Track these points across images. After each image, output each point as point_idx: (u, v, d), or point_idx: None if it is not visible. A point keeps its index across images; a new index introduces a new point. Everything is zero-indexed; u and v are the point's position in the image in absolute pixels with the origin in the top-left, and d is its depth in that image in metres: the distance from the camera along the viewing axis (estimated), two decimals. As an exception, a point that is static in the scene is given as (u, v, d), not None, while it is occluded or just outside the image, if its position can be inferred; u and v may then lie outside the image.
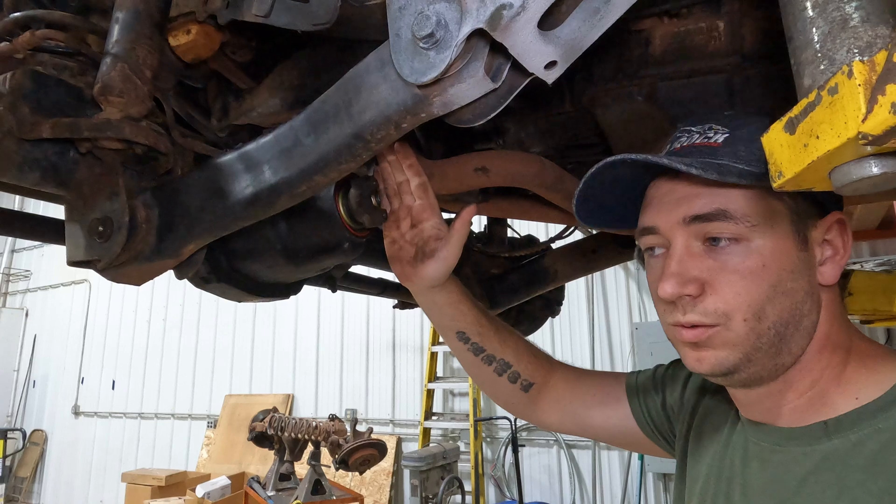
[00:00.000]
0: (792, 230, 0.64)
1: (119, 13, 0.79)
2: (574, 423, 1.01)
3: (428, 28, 0.59)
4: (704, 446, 0.80)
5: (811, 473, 0.63)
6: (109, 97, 0.75)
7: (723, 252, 0.64)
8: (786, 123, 0.41)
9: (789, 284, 0.63)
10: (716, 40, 0.90)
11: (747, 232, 0.63)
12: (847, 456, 0.61)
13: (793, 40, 0.43)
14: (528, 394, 1.02)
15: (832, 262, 0.66)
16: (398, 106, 0.65)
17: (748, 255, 0.63)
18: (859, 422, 0.61)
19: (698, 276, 0.65)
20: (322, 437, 3.65)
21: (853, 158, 0.37)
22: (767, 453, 0.68)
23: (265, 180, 0.75)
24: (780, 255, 0.63)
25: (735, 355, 0.65)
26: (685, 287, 0.64)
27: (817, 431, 0.64)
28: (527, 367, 1.01)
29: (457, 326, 0.99)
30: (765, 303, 0.63)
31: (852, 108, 0.34)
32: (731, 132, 0.67)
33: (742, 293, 0.63)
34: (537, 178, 1.09)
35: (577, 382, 1.01)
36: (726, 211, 0.63)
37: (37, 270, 9.66)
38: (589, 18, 0.58)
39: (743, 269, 0.63)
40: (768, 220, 0.64)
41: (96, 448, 8.37)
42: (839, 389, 0.65)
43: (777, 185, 0.42)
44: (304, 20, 0.76)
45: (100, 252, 0.80)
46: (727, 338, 0.64)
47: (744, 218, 0.63)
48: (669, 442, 0.92)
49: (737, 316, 0.63)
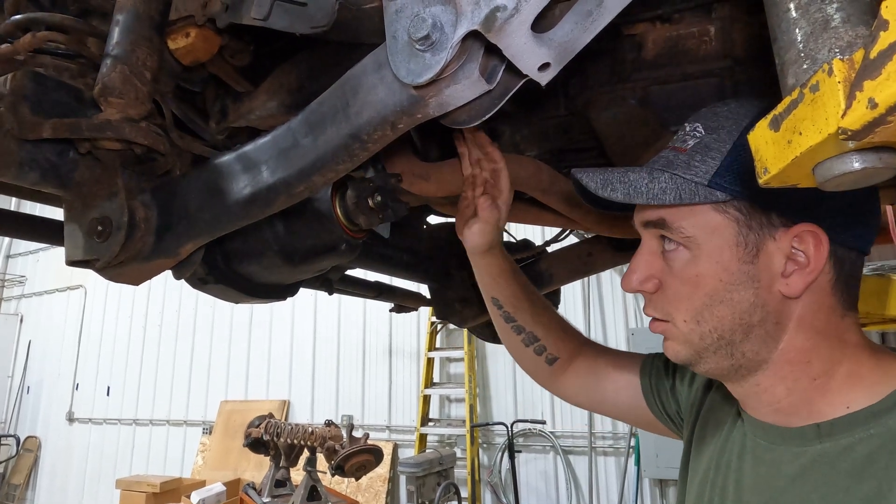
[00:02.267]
0: (735, 242, 0.65)
1: (119, 15, 0.80)
2: (587, 396, 1.07)
3: (424, 30, 0.60)
4: (707, 440, 0.82)
5: (800, 474, 0.64)
6: (109, 98, 0.76)
7: (670, 256, 0.70)
8: (770, 121, 0.42)
9: (727, 295, 0.66)
10: (707, 44, 0.91)
11: (686, 241, 0.68)
12: (836, 460, 0.61)
13: (777, 41, 0.44)
14: (552, 367, 1.07)
15: (799, 274, 0.64)
16: (394, 107, 0.66)
17: (686, 263, 0.68)
18: (851, 427, 0.62)
19: (653, 274, 0.71)
20: (318, 442, 3.64)
21: (835, 154, 0.38)
22: (762, 451, 0.70)
23: (263, 180, 0.76)
24: (717, 267, 0.66)
25: (686, 350, 0.70)
26: (641, 285, 0.72)
27: (810, 433, 0.65)
28: (554, 343, 1.06)
29: (493, 293, 1.05)
30: (701, 309, 0.67)
31: (832, 105, 0.35)
32: (704, 135, 0.69)
33: (682, 297, 0.69)
34: (533, 180, 1.10)
35: (597, 359, 1.06)
36: (665, 220, 0.69)
37: (32, 276, 9.62)
38: (582, 21, 0.59)
39: (682, 275, 0.68)
40: (706, 233, 0.66)
41: (90, 455, 8.32)
42: (826, 399, 0.65)
43: (763, 182, 0.43)
44: (302, 23, 0.77)
45: (98, 251, 0.80)
46: (676, 334, 0.71)
47: (678, 229, 0.68)
48: (677, 424, 0.94)
49: (678, 316, 0.69)
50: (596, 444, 5.25)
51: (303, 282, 1.24)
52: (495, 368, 5.88)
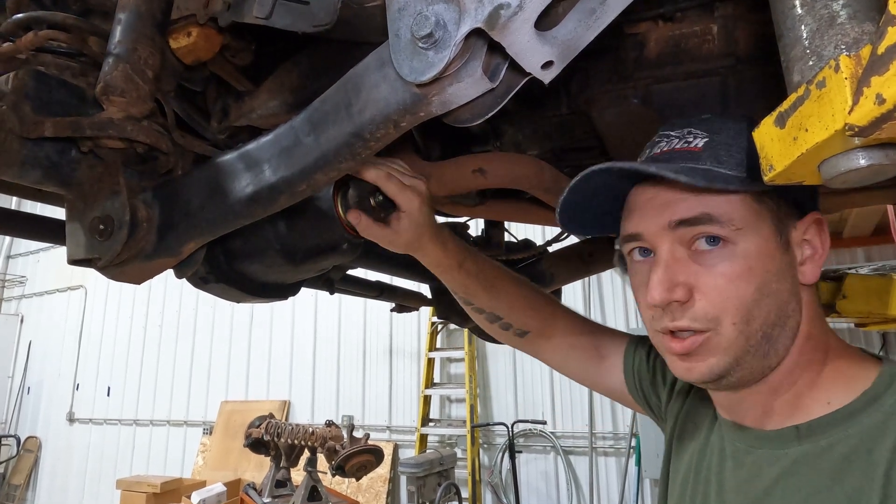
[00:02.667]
0: (774, 232, 0.65)
1: (121, 14, 0.80)
2: (570, 370, 1.05)
3: (427, 28, 0.60)
4: (686, 444, 0.82)
5: (782, 476, 0.64)
6: (111, 97, 0.76)
7: (708, 256, 0.65)
8: (776, 118, 0.42)
9: (774, 286, 0.64)
10: (710, 43, 0.91)
11: (732, 235, 0.64)
12: (816, 461, 0.62)
13: (782, 38, 0.44)
14: (525, 339, 1.05)
15: (812, 261, 0.66)
16: (397, 105, 0.66)
17: (734, 258, 0.64)
18: (829, 427, 0.63)
19: (685, 281, 0.65)
20: (319, 443, 3.64)
21: (841, 151, 0.38)
22: (742, 454, 0.70)
23: (265, 179, 0.76)
24: (765, 258, 0.64)
25: (725, 360, 0.65)
26: (673, 293, 0.65)
27: (789, 435, 0.65)
28: (520, 319, 1.03)
29: (444, 283, 1.01)
30: (752, 306, 0.63)
31: (839, 101, 0.35)
32: (710, 136, 0.68)
33: (730, 297, 0.63)
34: (535, 179, 1.10)
35: (578, 337, 1.03)
36: (711, 215, 0.64)
37: (32, 276, 9.62)
38: (585, 19, 0.59)
39: (729, 272, 0.64)
40: (752, 223, 0.64)
41: (91, 455, 8.32)
42: (812, 393, 0.66)
43: (768, 179, 0.43)
44: (304, 22, 0.77)
45: (100, 250, 0.80)
46: (718, 343, 0.65)
47: (728, 222, 0.64)
48: (658, 416, 0.94)
49: (726, 320, 0.64)
50: (596, 445, 5.24)
51: (304, 281, 1.24)
52: (496, 369, 5.87)
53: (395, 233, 0.88)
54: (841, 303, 1.81)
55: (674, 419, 0.87)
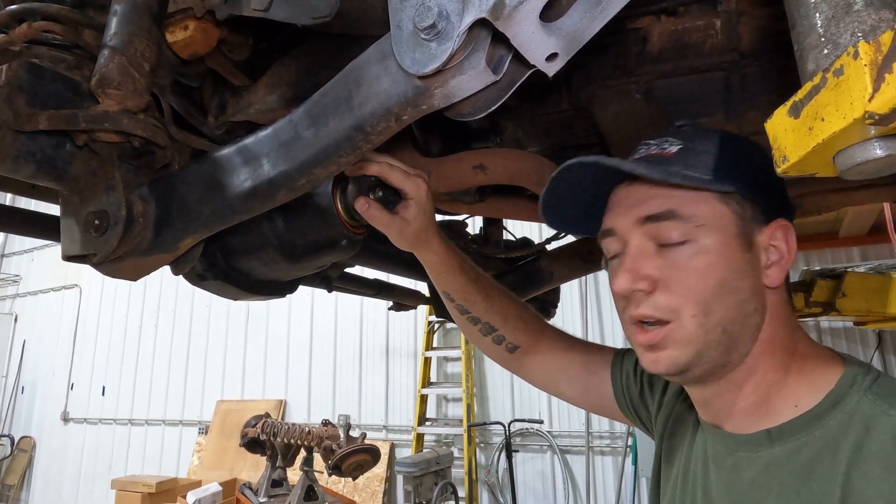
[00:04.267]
0: (737, 232, 0.68)
1: (117, 6, 0.78)
2: (556, 390, 1.06)
3: (430, 19, 0.59)
4: (674, 449, 0.84)
5: (756, 478, 0.67)
6: (107, 89, 0.75)
7: (672, 251, 0.69)
8: (790, 108, 0.41)
9: (734, 283, 0.67)
10: (713, 38, 0.90)
11: (695, 231, 0.67)
12: (786, 462, 0.65)
13: (796, 26, 0.43)
14: (513, 355, 1.06)
15: (777, 265, 0.69)
16: (399, 98, 0.65)
17: (696, 253, 0.67)
18: (797, 430, 0.65)
19: (650, 273, 0.69)
20: (315, 442, 3.62)
21: (858, 141, 0.37)
22: (722, 457, 0.72)
23: (264, 173, 0.75)
24: (726, 255, 0.67)
25: (687, 353, 0.68)
26: (637, 283, 0.69)
27: (762, 439, 0.68)
28: (512, 332, 1.04)
29: (442, 287, 1.02)
30: (711, 299, 0.66)
31: (858, 89, 0.34)
32: (684, 144, 0.72)
33: (690, 290, 0.67)
34: (536, 176, 1.09)
35: (565, 353, 1.04)
36: (675, 211, 0.68)
37: (26, 275, 9.56)
38: (590, 10, 0.58)
39: (690, 266, 0.67)
40: (714, 221, 0.68)
41: (85, 455, 8.27)
42: (780, 395, 0.68)
43: (781, 170, 0.42)
44: (303, 13, 0.75)
45: (95, 246, 0.79)
46: (680, 336, 0.68)
47: (691, 218, 0.68)
48: (647, 427, 0.96)
49: (686, 312, 0.67)
50: (593, 444, 5.24)
51: (302, 279, 1.23)
52: (492, 368, 5.86)
53: (404, 220, 0.89)
54: (840, 301, 1.81)
55: (662, 428, 0.89)
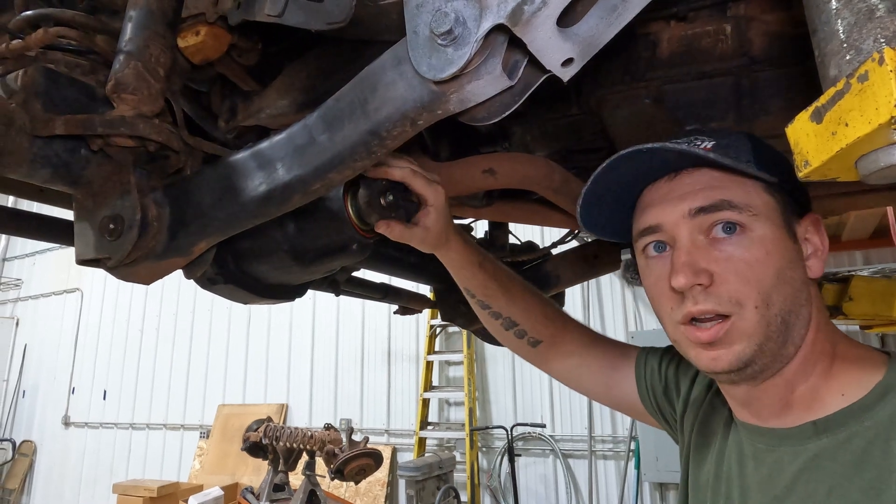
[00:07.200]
0: (783, 222, 0.68)
1: (132, 11, 0.79)
2: (579, 384, 1.05)
3: (446, 25, 0.59)
4: (704, 452, 0.83)
5: (803, 471, 0.66)
6: (122, 94, 0.75)
7: (727, 243, 0.67)
8: (812, 113, 0.41)
9: (789, 273, 0.67)
10: (723, 43, 0.91)
11: (750, 221, 0.66)
12: (836, 453, 0.64)
13: (817, 32, 0.43)
14: (536, 349, 1.05)
15: (815, 257, 0.70)
16: (415, 103, 0.65)
17: (752, 244, 0.66)
18: (846, 421, 0.64)
19: (707, 267, 0.66)
20: (317, 446, 3.61)
21: (882, 145, 0.38)
22: (762, 453, 0.71)
23: (279, 178, 0.75)
24: (780, 245, 0.67)
25: (751, 346, 0.66)
26: (697, 277, 0.66)
27: (808, 431, 0.67)
28: (534, 326, 1.03)
29: (463, 284, 1.02)
30: (771, 290, 0.65)
31: (884, 94, 0.35)
32: (717, 141, 0.71)
33: (751, 281, 0.65)
34: (545, 180, 1.10)
35: (589, 348, 1.04)
36: (730, 201, 0.67)
37: (28, 279, 9.56)
38: (606, 16, 0.59)
39: (748, 257, 0.66)
40: (766, 211, 0.67)
41: (87, 459, 8.26)
42: (828, 385, 0.68)
43: (803, 175, 0.42)
44: (318, 19, 0.76)
45: (110, 250, 0.79)
46: (743, 329, 0.65)
47: (746, 207, 0.67)
48: (669, 423, 0.95)
49: (748, 303, 0.65)
50: (596, 448, 5.23)
51: (311, 282, 1.23)
52: (494, 372, 5.86)
53: (426, 229, 0.90)
54: (847, 305, 1.81)
55: (690, 430, 0.87)
